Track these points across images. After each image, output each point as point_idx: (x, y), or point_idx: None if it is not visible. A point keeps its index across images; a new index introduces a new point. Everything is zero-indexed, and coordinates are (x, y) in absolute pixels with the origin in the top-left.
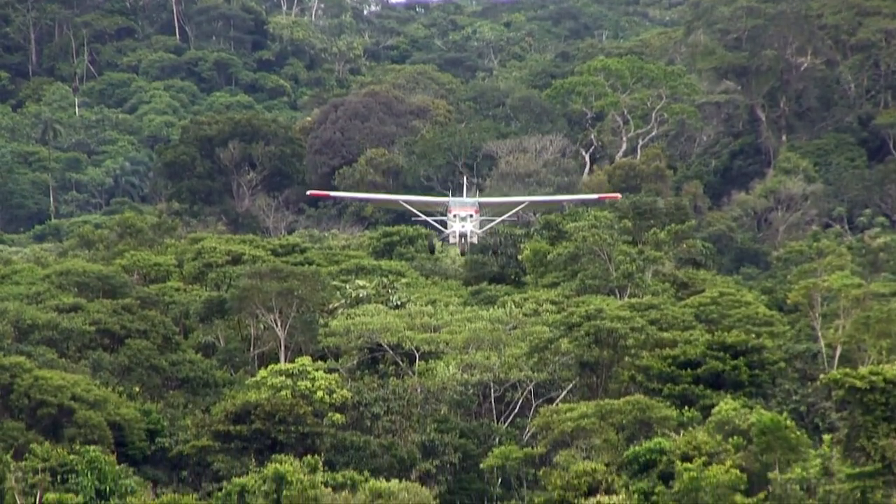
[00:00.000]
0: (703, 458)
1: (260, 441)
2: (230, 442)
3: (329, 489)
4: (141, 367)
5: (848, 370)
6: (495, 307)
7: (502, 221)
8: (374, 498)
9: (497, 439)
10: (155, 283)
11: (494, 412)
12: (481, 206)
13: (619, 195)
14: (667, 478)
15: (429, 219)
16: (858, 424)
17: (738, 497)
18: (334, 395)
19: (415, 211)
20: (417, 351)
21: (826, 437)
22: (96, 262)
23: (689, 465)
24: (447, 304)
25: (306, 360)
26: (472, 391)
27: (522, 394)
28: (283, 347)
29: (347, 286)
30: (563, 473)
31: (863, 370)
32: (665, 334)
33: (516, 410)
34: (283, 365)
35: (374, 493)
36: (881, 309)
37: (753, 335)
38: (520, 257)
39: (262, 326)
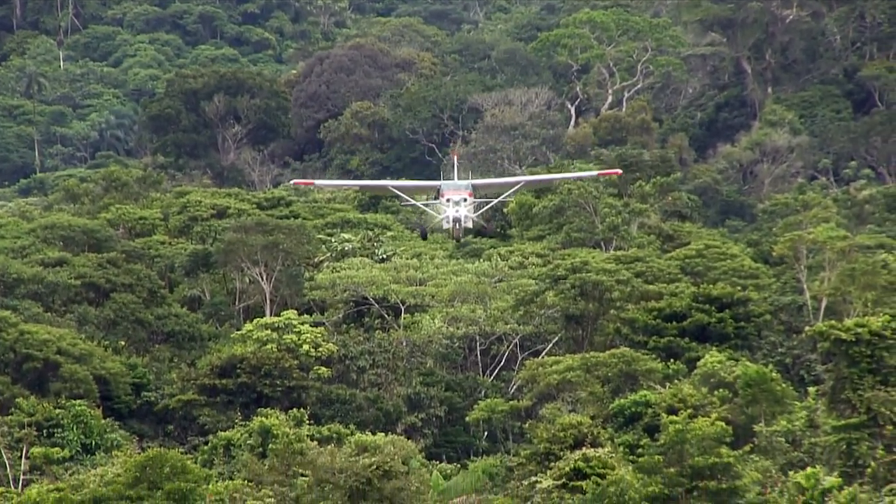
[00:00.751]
0: (689, 411)
1: (245, 395)
2: (216, 396)
3: (315, 442)
4: (126, 321)
5: (833, 322)
6: (481, 260)
7: (499, 203)
8: (359, 451)
9: (483, 392)
10: (140, 237)
11: (480, 365)
12: (475, 188)
13: (619, 171)
14: (652, 430)
15: (420, 203)
16: (844, 376)
17: (724, 449)
18: (320, 349)
19: (405, 196)
20: (403, 304)
21: (811, 389)
22: (81, 215)
23: (674, 417)
24: (433, 257)
25: (292, 313)
26: (457, 344)
27: (508, 347)
28: (268, 301)
29: (333, 239)
30: (548, 426)
31: (848, 322)
32: (650, 287)
33: (502, 363)
34: (268, 318)
35: (359, 446)
36: (866, 261)
37: (739, 288)
38: (505, 210)
39: (247, 280)
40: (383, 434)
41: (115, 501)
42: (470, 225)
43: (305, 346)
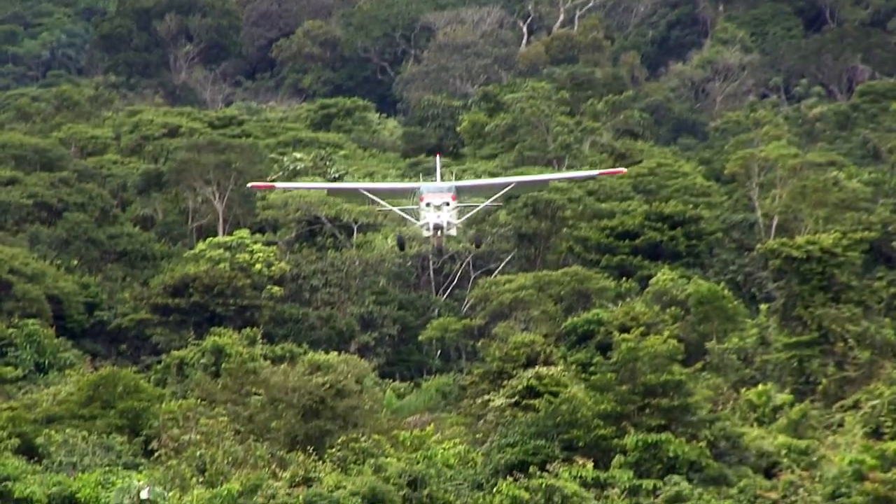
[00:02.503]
0: (641, 329)
1: (198, 314)
2: (169, 315)
3: (268, 361)
4: (79, 241)
5: (784, 240)
6: (433, 179)
7: (486, 207)
8: (312, 370)
9: (436, 311)
10: (92, 156)
11: (433, 284)
12: (459, 190)
13: (624, 170)
14: (605, 348)
15: (396, 209)
16: (795, 294)
17: (676, 367)
18: (273, 268)
19: (378, 201)
20: (355, 223)
21: (763, 306)
22: (33, 135)
23: (626, 335)
24: (385, 175)
25: (244, 232)
26: (410, 263)
27: (461, 266)
28: (221, 220)
29: (285, 159)
30: (501, 345)
31: (799, 240)
32: (603, 205)
33: (455, 282)
34: (221, 238)
35: (312, 365)
36: (817, 178)
37: (691, 206)
38: (458, 129)
39: (199, 199)
40: (336, 353)
41: (68, 420)
42: (454, 232)
43: (258, 266)
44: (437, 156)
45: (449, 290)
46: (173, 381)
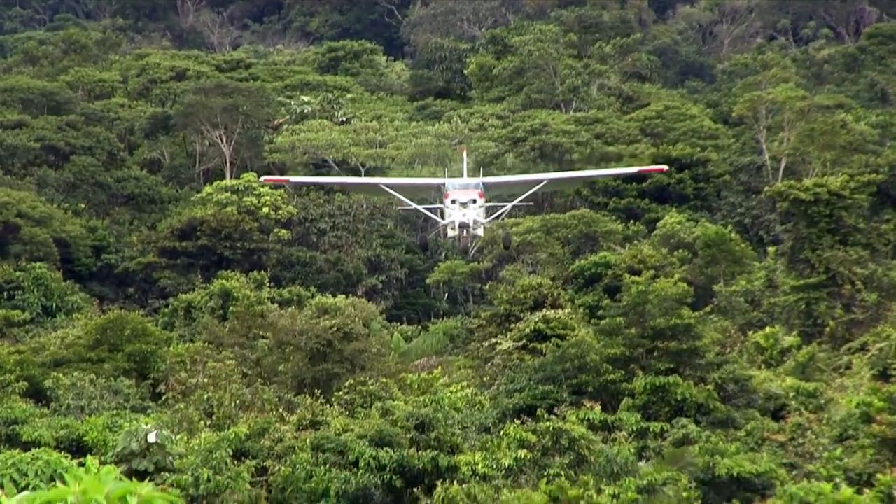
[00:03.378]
0: (651, 272)
1: (206, 257)
2: (176, 258)
3: (275, 305)
4: (86, 184)
5: (792, 182)
6: (441, 122)
7: (515, 206)
8: (320, 313)
9: (443, 254)
10: (100, 100)
11: (440, 227)
12: (487, 187)
13: (665, 167)
14: (612, 291)
15: (420, 207)
16: (803, 236)
17: (685, 310)
18: (280, 211)
19: (400, 197)
20: (363, 167)
21: (770, 249)
22: (41, 78)
23: (636, 278)
24: (393, 119)
25: (251, 175)
26: None
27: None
28: (228, 163)
29: (292, 102)
30: (508, 288)
31: (807, 182)
32: (610, 148)
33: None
34: (228, 181)
35: (320, 308)
36: (825, 121)
37: (698, 148)
38: (465, 72)
39: (207, 142)
40: (344, 296)
41: (76, 364)
42: (480, 232)
43: (265, 209)
44: (464, 152)
45: None
46: (181, 324)
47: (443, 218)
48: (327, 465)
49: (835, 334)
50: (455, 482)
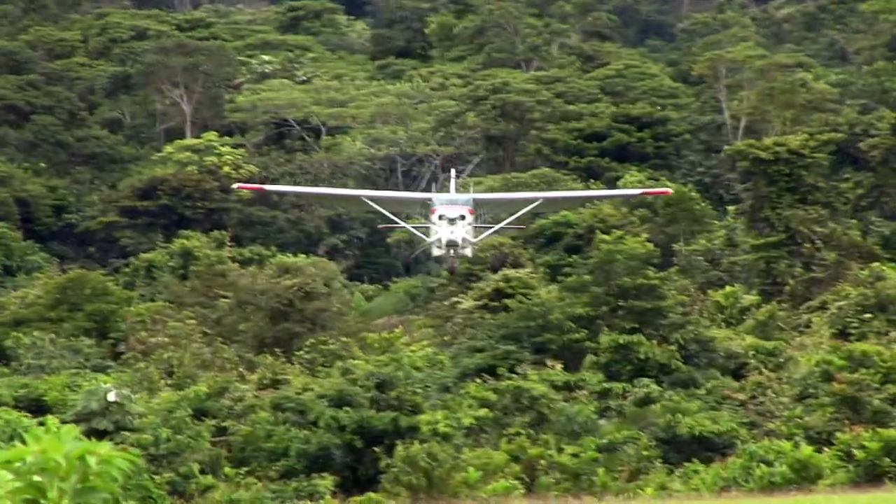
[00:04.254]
0: (621, 232)
1: (167, 216)
2: (137, 218)
3: (236, 264)
4: (47, 143)
5: (752, 141)
6: (402, 81)
7: (508, 226)
8: (281, 272)
9: (405, 214)
10: (60, 59)
11: (401, 186)
12: (477, 204)
13: (669, 190)
14: (573, 250)
15: (406, 224)
16: (762, 195)
17: (650, 270)
18: (241, 171)
19: (384, 212)
20: (324, 126)
21: (730, 208)
22: (0, 37)
23: (605, 236)
24: (353, 78)
25: (212, 135)
26: (378, 166)
27: (429, 168)
28: (189, 123)
29: (253, 61)
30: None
31: (767, 141)
32: (571, 107)
33: (423, 185)
34: (189, 140)
35: (280, 267)
36: (785, 80)
37: (658, 107)
38: (426, 31)
39: (167, 102)
40: (305, 255)
41: (36, 323)
42: (469, 252)
43: (226, 168)
44: (452, 171)
45: None
46: (141, 283)
47: (428, 236)
48: (287, 425)
49: (794, 293)
50: (416, 442)
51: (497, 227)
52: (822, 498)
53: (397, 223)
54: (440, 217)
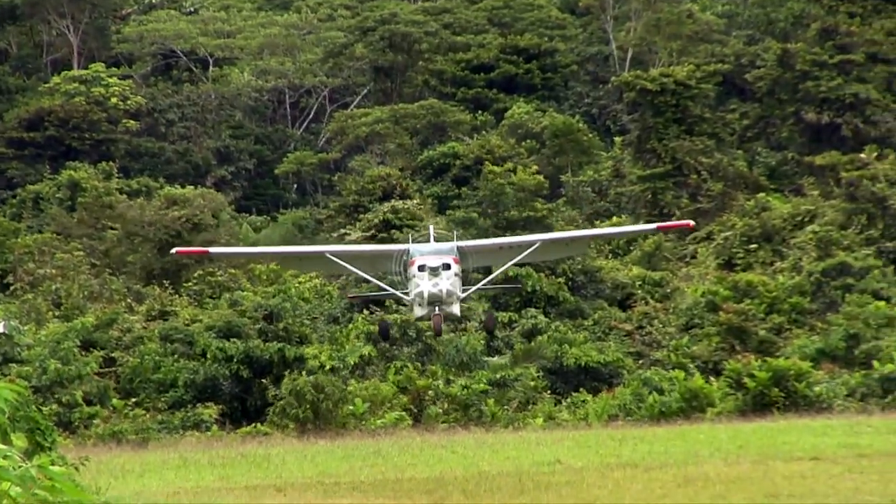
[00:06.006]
0: (510, 164)
1: (54, 148)
2: (24, 149)
3: (124, 196)
4: None
5: (639, 72)
6: (290, 12)
7: (499, 276)
8: (168, 204)
9: (292, 145)
10: None
11: (289, 118)
12: (462, 252)
13: (691, 223)
14: (461, 182)
15: (378, 282)
16: (649, 126)
17: (538, 202)
18: (128, 102)
19: (351, 269)
20: (211, 57)
21: (617, 139)
22: None
23: (495, 168)
24: (241, 9)
25: (100, 66)
26: (266, 97)
27: (317, 99)
28: (76, 54)
29: None
30: (357, 178)
31: (653, 72)
32: (458, 38)
33: (311, 116)
34: (76, 71)
35: (168, 199)
36: (672, 11)
37: (546, 39)
38: None
39: (54, 32)
40: (192, 187)
41: None
42: (456, 310)
43: (114, 100)
44: (431, 227)
45: (305, 124)
46: (29, 215)
47: (407, 294)
48: (175, 356)
49: None
50: (303, 373)
51: (495, 274)
52: (708, 428)
53: (366, 292)
54: (420, 268)
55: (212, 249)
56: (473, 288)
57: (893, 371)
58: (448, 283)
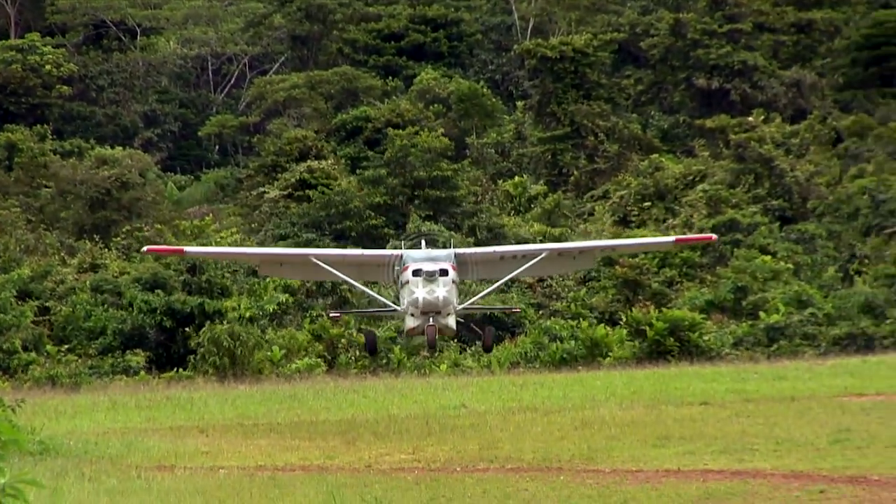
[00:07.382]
0: (416, 128)
1: None
2: None
3: (57, 156)
4: None
5: (540, 41)
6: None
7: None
8: (99, 164)
9: (214, 109)
10: None
11: (212, 84)
12: (460, 260)
13: (713, 236)
14: (372, 143)
15: (367, 289)
16: (549, 91)
17: (444, 163)
18: (62, 69)
19: (338, 274)
20: (139, 27)
21: (519, 103)
22: None
23: (399, 131)
24: None
25: (35, 36)
26: (190, 64)
27: (238, 66)
28: (13, 24)
29: None
30: (275, 140)
31: (553, 41)
32: (370, 9)
33: (232, 82)
34: (13, 41)
35: (99, 159)
36: None
37: (452, 9)
38: None
39: None
40: (121, 148)
41: None
42: (452, 322)
43: (48, 67)
44: (423, 242)
45: (227, 90)
46: None
47: (397, 306)
48: (105, 306)
49: (579, 183)
50: (224, 322)
51: (495, 286)
52: (605, 374)
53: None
54: (415, 273)
55: (187, 248)
56: (469, 301)
57: (778, 321)
58: (445, 290)
